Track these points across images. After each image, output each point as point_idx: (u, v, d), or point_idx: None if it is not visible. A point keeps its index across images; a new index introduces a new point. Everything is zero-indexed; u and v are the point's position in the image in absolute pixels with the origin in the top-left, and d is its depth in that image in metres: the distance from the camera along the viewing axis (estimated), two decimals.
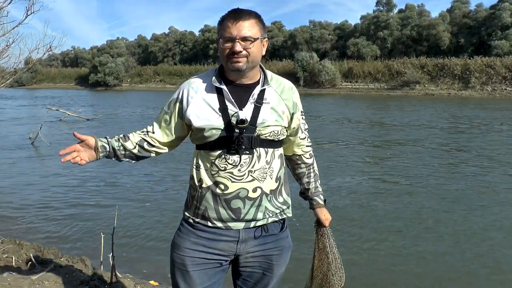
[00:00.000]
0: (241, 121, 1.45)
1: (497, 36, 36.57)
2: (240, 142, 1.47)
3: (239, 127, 1.46)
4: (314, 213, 1.78)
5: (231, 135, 1.48)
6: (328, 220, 1.78)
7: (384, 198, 5.92)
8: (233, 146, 1.48)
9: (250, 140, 1.49)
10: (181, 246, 1.57)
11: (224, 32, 1.47)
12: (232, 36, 1.45)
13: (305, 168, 1.75)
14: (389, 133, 12.67)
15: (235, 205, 1.51)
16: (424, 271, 3.77)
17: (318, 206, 1.77)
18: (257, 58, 1.50)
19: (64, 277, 3.02)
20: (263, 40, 1.52)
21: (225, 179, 1.50)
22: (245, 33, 1.45)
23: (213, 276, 1.58)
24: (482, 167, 7.82)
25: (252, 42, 1.46)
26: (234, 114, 1.48)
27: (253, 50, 1.47)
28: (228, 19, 1.47)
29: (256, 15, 1.51)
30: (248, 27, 1.46)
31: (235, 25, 1.45)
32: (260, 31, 1.49)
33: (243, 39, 1.45)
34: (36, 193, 6.36)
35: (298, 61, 39.03)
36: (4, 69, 5.37)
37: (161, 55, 57.31)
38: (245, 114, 1.47)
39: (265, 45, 1.55)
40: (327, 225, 1.76)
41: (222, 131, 1.48)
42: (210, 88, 1.53)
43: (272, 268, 1.62)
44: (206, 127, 1.49)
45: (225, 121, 1.48)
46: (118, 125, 15.09)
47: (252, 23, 1.47)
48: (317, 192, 1.77)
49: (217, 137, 1.49)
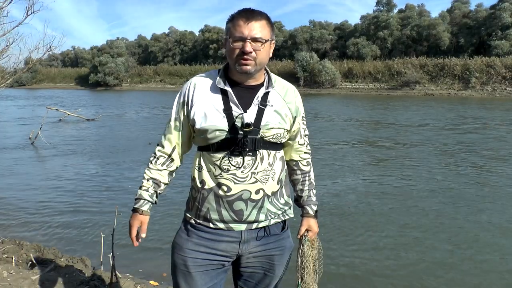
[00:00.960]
0: (246, 125, 1.44)
1: (497, 36, 36.58)
2: (244, 145, 1.46)
3: (244, 130, 1.45)
4: (301, 221, 1.73)
5: (235, 137, 1.46)
6: (313, 231, 1.71)
7: (387, 198, 5.92)
8: (236, 148, 1.46)
9: (254, 142, 1.48)
10: (183, 247, 1.56)
11: (234, 31, 1.44)
12: (243, 36, 1.42)
13: (300, 175, 1.72)
14: (391, 132, 12.67)
15: (238, 207, 1.51)
16: (425, 271, 3.77)
17: (306, 215, 1.72)
18: (265, 60, 1.49)
19: (64, 277, 3.02)
20: (271, 42, 1.51)
21: (228, 180, 1.49)
22: (256, 33, 1.43)
23: (214, 277, 1.57)
24: (491, 168, 7.82)
25: (263, 44, 1.45)
26: (238, 116, 1.46)
27: (262, 53, 1.45)
28: (240, 18, 1.44)
29: (267, 16, 1.49)
30: (260, 28, 1.44)
31: (247, 25, 1.43)
32: (269, 33, 1.48)
33: (253, 40, 1.43)
34: (36, 193, 6.35)
35: (298, 61, 39.05)
36: (4, 69, 5.37)
37: (161, 55, 57.32)
38: (249, 116, 1.46)
39: (272, 47, 1.54)
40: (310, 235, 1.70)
41: (226, 132, 1.47)
42: (214, 89, 1.52)
43: (273, 268, 1.62)
44: (210, 128, 1.47)
45: (229, 123, 1.46)
46: (120, 126, 15.09)
47: (263, 24, 1.46)
48: (309, 201, 1.72)
49: (221, 138, 1.48)
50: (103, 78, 48.78)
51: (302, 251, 1.69)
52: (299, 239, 1.71)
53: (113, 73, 48.99)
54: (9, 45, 4.53)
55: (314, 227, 1.71)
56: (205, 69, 44.98)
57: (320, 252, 1.76)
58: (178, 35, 58.22)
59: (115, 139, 11.93)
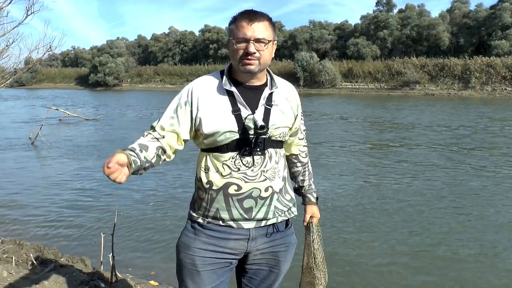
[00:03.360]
0: (261, 127, 1.46)
1: (497, 36, 36.57)
2: (257, 145, 1.49)
3: (258, 132, 1.47)
4: (304, 209, 1.85)
5: (245, 137, 1.49)
6: (316, 217, 1.84)
7: (388, 198, 5.93)
8: (247, 148, 1.49)
9: (263, 141, 1.51)
10: (191, 246, 1.56)
11: (238, 32, 1.46)
12: (246, 37, 1.44)
13: (301, 167, 1.81)
14: (391, 132, 12.67)
15: (248, 205, 1.53)
16: (426, 272, 3.78)
17: (309, 203, 1.84)
18: (268, 61, 1.51)
19: (64, 277, 3.02)
20: (274, 42, 1.53)
21: (238, 179, 1.50)
22: (259, 34, 1.45)
23: (221, 276, 1.59)
24: (497, 169, 7.82)
25: (266, 44, 1.47)
26: (247, 117, 1.49)
27: (265, 53, 1.48)
28: (243, 20, 1.46)
29: (269, 17, 1.52)
30: (262, 28, 1.46)
31: (250, 26, 1.45)
32: (272, 33, 1.51)
33: (257, 41, 1.45)
34: (36, 193, 6.36)
35: (298, 61, 39.04)
36: (4, 69, 5.37)
37: (161, 55, 57.31)
38: (259, 117, 1.50)
39: (274, 47, 1.56)
40: (314, 222, 1.83)
41: (236, 134, 1.48)
42: (220, 90, 1.53)
43: (278, 264, 1.65)
44: (220, 130, 1.48)
45: (239, 124, 1.48)
46: (120, 126, 15.09)
47: (266, 25, 1.48)
48: (310, 190, 1.84)
49: (231, 140, 1.49)
50: (103, 78, 48.76)
51: (312, 238, 1.79)
52: (306, 226, 1.83)
53: (113, 73, 48.97)
54: (9, 45, 4.54)
55: (317, 213, 1.84)
56: (205, 69, 45.03)
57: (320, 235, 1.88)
58: (178, 35, 58.21)
59: (115, 139, 11.93)
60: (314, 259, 1.78)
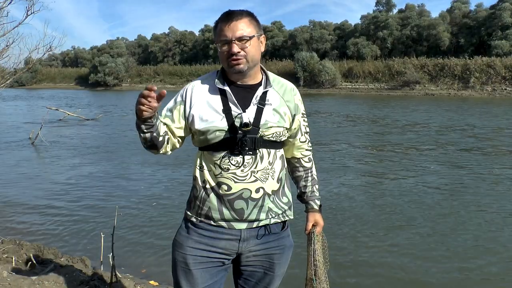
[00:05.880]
0: (245, 124, 1.46)
1: (497, 36, 36.52)
2: (243, 144, 1.48)
3: (243, 130, 1.47)
4: (306, 217, 1.77)
5: (234, 137, 1.48)
6: (319, 225, 1.76)
7: (390, 196, 5.93)
8: (236, 147, 1.48)
9: (253, 141, 1.50)
10: (183, 245, 1.58)
11: (220, 36, 1.49)
12: (227, 39, 1.46)
13: (303, 171, 1.76)
14: (392, 132, 12.67)
15: (239, 206, 1.52)
16: (428, 272, 3.78)
17: (312, 210, 1.76)
18: (256, 56, 1.51)
19: (64, 277, 3.02)
20: (260, 37, 1.53)
21: (228, 179, 1.51)
22: (240, 33, 1.46)
23: (215, 275, 1.59)
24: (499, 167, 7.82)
25: (248, 41, 1.47)
26: (237, 116, 1.49)
27: (250, 49, 1.48)
28: (222, 23, 1.49)
29: (248, 13, 1.52)
30: (242, 26, 1.47)
31: (229, 27, 1.46)
32: (255, 28, 1.50)
33: (239, 40, 1.46)
34: (36, 193, 6.35)
35: (298, 61, 39.00)
36: (4, 69, 5.37)
37: (161, 55, 57.27)
38: (248, 116, 1.48)
39: (263, 42, 1.55)
40: (317, 230, 1.75)
41: (225, 132, 1.49)
42: (213, 89, 1.54)
43: (273, 267, 1.63)
44: (210, 129, 1.49)
45: (229, 123, 1.49)
46: (120, 126, 15.08)
47: (245, 21, 1.48)
48: (313, 197, 1.76)
49: (221, 138, 1.50)
50: (103, 78, 48.69)
51: (314, 249, 1.72)
52: (308, 235, 1.75)
53: (113, 73, 48.90)
54: (9, 45, 4.53)
55: (320, 221, 1.77)
56: (205, 69, 44.98)
57: (325, 245, 1.79)
58: (178, 35, 58.16)
59: (115, 139, 11.93)
60: (314, 270, 1.71)
